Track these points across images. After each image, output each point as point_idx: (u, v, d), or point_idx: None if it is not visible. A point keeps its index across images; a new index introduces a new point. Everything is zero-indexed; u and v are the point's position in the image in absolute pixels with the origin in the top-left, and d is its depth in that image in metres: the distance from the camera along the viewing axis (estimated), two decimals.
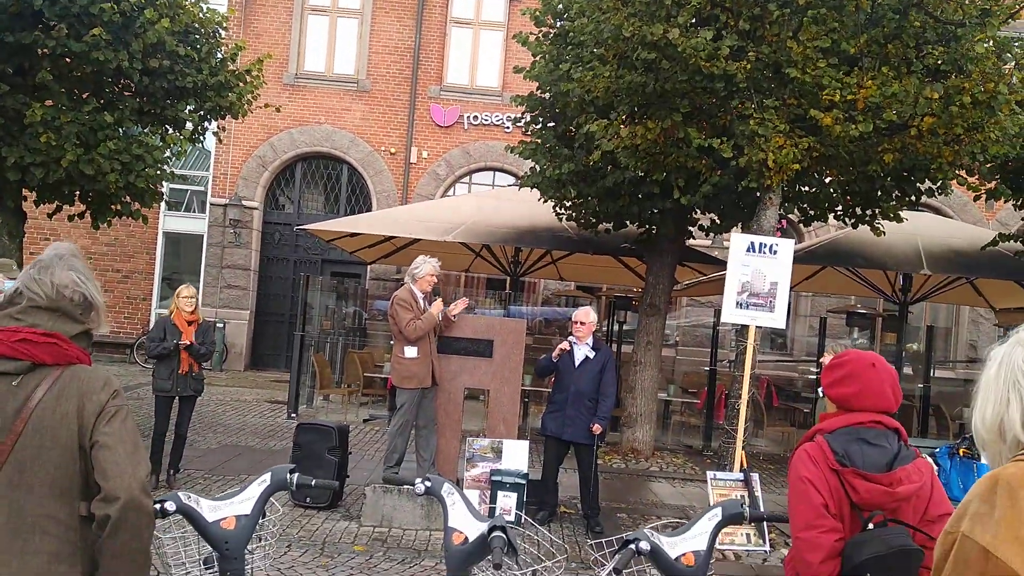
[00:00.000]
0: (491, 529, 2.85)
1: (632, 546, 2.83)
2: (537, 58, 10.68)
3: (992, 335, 19.80)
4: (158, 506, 2.88)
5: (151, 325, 17.80)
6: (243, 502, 3.08)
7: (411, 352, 7.38)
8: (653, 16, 7.89)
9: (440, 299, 7.68)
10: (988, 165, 10.03)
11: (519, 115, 11.80)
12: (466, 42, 20.37)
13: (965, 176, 9.98)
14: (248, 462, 9.49)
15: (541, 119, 11.32)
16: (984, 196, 10.66)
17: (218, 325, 18.76)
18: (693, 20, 8.08)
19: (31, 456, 2.19)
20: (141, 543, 2.22)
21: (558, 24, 10.82)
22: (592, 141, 9.30)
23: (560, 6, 10.60)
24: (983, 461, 6.97)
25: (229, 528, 2.99)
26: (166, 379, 7.93)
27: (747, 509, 3.06)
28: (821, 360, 7.09)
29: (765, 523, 6.84)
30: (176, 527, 3.13)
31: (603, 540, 3.28)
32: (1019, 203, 11.02)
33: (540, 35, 10.91)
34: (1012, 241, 11.22)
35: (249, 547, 3.09)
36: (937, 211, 17.77)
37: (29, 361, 2.25)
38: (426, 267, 7.57)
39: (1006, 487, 1.32)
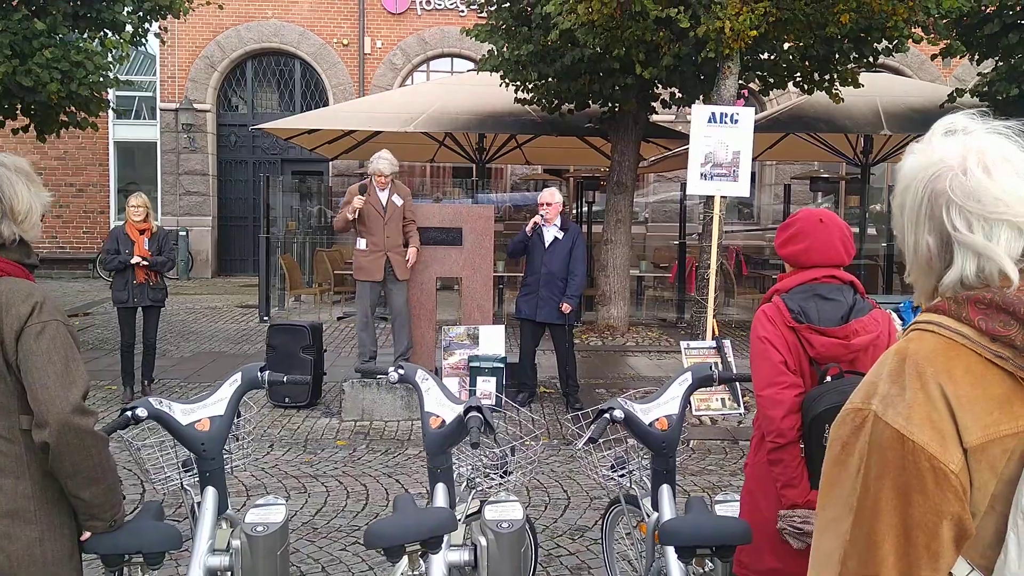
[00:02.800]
0: (467, 410, 2.87)
1: (606, 415, 2.87)
2: None
3: None
4: (129, 413, 2.87)
5: None
6: (216, 403, 3.07)
7: (360, 244, 7.42)
8: None
9: (359, 196, 7.28)
10: (943, 21, 9.90)
11: None
12: None
13: (921, 34, 9.85)
14: (223, 368, 9.49)
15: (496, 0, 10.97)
16: (939, 54, 10.56)
17: (180, 233, 18.52)
18: None
19: None
20: (92, 461, 2.18)
21: None
22: (549, 20, 9.03)
23: None
24: None
25: (204, 430, 2.99)
26: (122, 290, 7.83)
27: (716, 371, 3.10)
28: None
29: (738, 385, 7.00)
30: (152, 434, 3.13)
31: (579, 413, 3.33)
32: (973, 58, 10.96)
33: None
34: (969, 96, 11.19)
35: (226, 447, 3.11)
36: (895, 71, 17.65)
37: None
38: (370, 166, 7.47)
39: (914, 366, 1.24)
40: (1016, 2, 9.60)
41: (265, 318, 12.73)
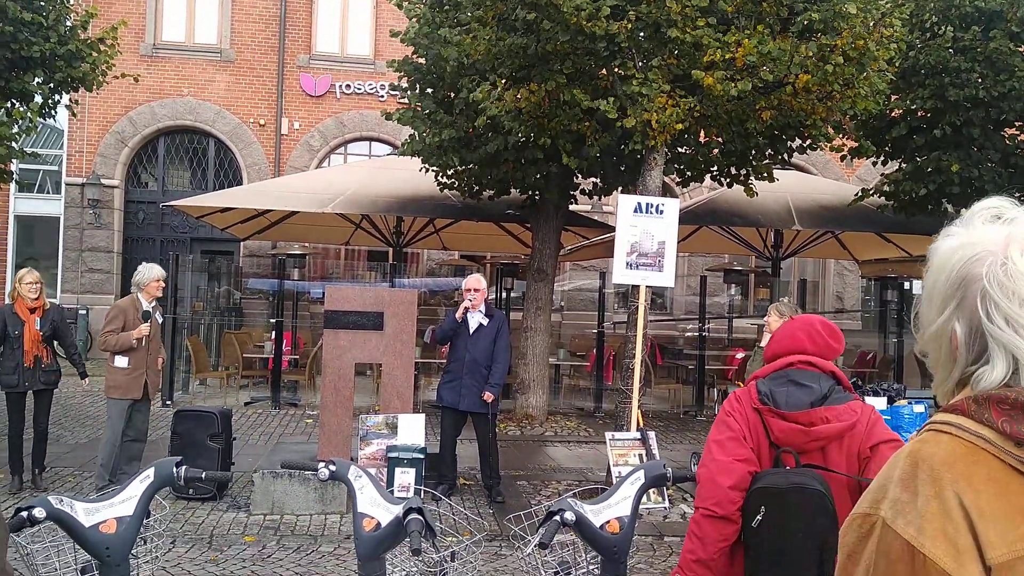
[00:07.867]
0: (407, 512, 2.64)
1: (557, 517, 2.68)
2: (412, 20, 10.33)
3: (856, 286, 20.77)
4: (25, 513, 2.55)
5: None
6: (124, 502, 2.77)
7: (121, 362, 7.11)
8: None
9: (150, 322, 7.21)
10: (853, 122, 10.34)
11: (394, 83, 11.41)
12: (335, 9, 19.74)
13: (832, 132, 10.27)
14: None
15: (418, 85, 11.00)
16: (848, 154, 11.00)
17: (80, 312, 17.70)
18: None
19: None
20: None
21: None
22: (473, 106, 9.07)
23: None
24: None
25: (109, 532, 2.68)
26: (11, 373, 7.33)
27: (670, 470, 2.95)
28: (766, 320, 7.30)
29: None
30: (46, 533, 2.80)
31: (522, 512, 3.13)
32: (879, 159, 11.46)
33: None
34: (875, 196, 11.66)
35: (133, 551, 2.79)
36: (802, 169, 18.37)
37: None
38: (150, 274, 7.23)
39: (928, 471, 1.12)
40: (920, 108, 10.09)
41: (168, 402, 12.13)
